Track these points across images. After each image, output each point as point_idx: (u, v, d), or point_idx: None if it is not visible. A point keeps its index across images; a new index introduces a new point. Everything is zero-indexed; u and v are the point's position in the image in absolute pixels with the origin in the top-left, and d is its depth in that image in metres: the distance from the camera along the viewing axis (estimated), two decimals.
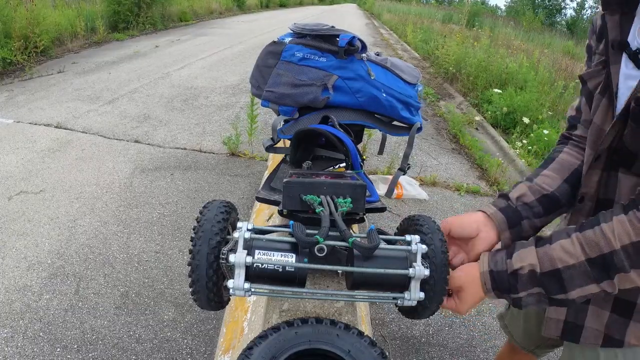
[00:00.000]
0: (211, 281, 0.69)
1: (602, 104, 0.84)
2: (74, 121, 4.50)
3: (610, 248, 0.69)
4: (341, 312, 0.88)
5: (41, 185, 3.23)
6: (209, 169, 3.72)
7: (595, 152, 0.83)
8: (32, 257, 2.48)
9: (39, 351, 1.92)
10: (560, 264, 0.72)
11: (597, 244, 0.70)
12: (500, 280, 0.78)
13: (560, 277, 0.72)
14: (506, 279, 0.77)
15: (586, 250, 0.71)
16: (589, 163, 0.86)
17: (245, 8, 20.15)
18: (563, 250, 0.73)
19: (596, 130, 0.85)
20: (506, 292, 0.77)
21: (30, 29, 6.43)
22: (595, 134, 0.85)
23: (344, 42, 1.21)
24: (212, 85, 6.26)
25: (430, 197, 3.61)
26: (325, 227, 0.68)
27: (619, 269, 0.68)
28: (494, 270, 0.79)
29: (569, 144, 1.01)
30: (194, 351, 1.99)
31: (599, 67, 0.86)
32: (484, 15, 19.19)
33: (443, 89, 7.25)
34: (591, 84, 0.89)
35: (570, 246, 0.72)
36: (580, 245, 0.71)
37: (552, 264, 0.73)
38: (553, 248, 0.74)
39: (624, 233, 0.68)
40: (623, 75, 0.80)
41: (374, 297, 0.75)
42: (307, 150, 1.16)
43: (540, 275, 0.73)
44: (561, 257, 0.72)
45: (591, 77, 0.89)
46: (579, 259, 0.71)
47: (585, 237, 0.71)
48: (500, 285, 0.78)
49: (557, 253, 0.73)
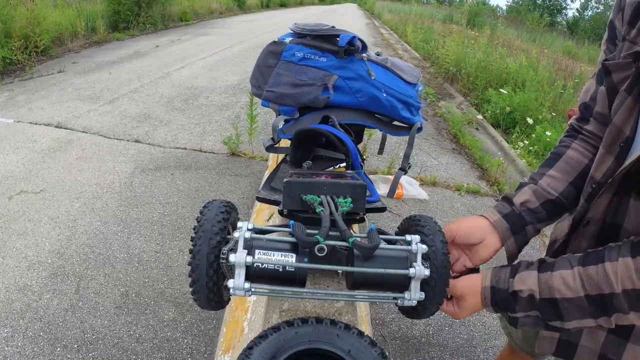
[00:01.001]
0: (211, 281, 0.69)
1: (626, 103, 0.74)
2: (75, 121, 4.50)
3: (610, 290, 0.67)
4: (341, 312, 0.87)
5: (41, 185, 3.23)
6: (209, 169, 3.73)
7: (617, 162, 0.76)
8: (32, 257, 2.48)
9: (39, 351, 1.92)
10: (558, 295, 0.71)
11: (597, 284, 0.68)
12: (500, 297, 0.77)
13: (557, 307, 0.71)
14: (506, 297, 0.76)
15: (586, 287, 0.69)
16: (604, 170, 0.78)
17: (245, 8, 20.15)
18: (563, 282, 0.71)
19: (615, 132, 0.76)
20: (504, 309, 0.77)
21: (30, 28, 6.43)
22: (613, 135, 0.77)
23: (344, 42, 1.21)
24: (212, 85, 6.26)
25: (431, 197, 3.61)
26: (325, 227, 0.68)
27: (617, 310, 0.67)
28: (495, 287, 0.78)
29: (578, 138, 0.93)
30: (194, 351, 1.99)
31: (629, 59, 0.75)
32: (484, 15, 19.18)
33: (443, 89, 7.25)
34: (617, 77, 0.78)
35: (571, 279, 0.70)
36: (581, 280, 0.69)
37: (550, 293, 0.72)
38: (554, 277, 0.72)
39: (627, 278, 0.65)
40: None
41: (374, 297, 0.75)
42: (308, 150, 1.16)
43: (539, 302, 0.72)
44: (560, 288, 0.71)
45: (618, 68, 0.77)
46: (578, 294, 0.69)
47: (587, 274, 0.69)
48: (500, 302, 0.77)
49: (557, 284, 0.71)
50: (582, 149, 0.91)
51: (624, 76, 0.76)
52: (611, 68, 0.78)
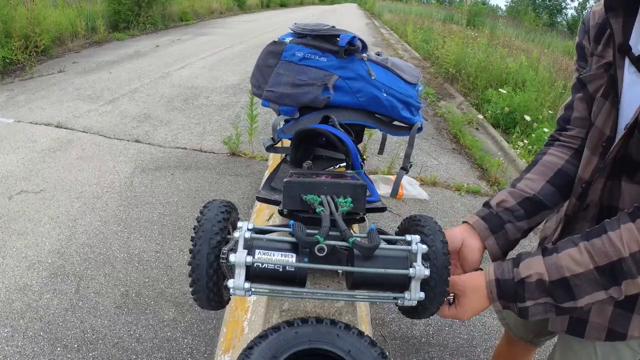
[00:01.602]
0: (211, 281, 0.69)
1: (604, 107, 0.83)
2: (75, 121, 4.50)
3: (618, 256, 0.69)
4: (341, 312, 0.88)
5: (42, 185, 3.23)
6: (210, 169, 3.73)
7: (602, 160, 0.83)
8: (32, 257, 2.48)
9: (39, 350, 1.92)
10: (568, 273, 0.72)
11: (605, 253, 0.70)
12: (506, 288, 0.77)
13: (568, 285, 0.72)
14: (513, 287, 0.76)
15: (595, 258, 0.71)
16: (591, 169, 0.85)
17: (245, 8, 20.15)
18: (571, 259, 0.72)
19: (597, 134, 0.85)
20: (512, 301, 0.77)
21: (30, 28, 6.43)
22: (596, 136, 0.85)
23: (344, 42, 1.21)
24: (212, 85, 6.26)
25: (431, 197, 3.61)
26: (325, 227, 0.68)
27: (627, 275, 0.69)
28: (500, 279, 0.78)
29: (555, 144, 1.01)
30: (194, 351, 1.99)
31: (601, 69, 0.85)
32: (484, 15, 19.17)
33: (443, 89, 7.25)
34: (592, 87, 0.88)
35: (578, 255, 0.72)
36: (589, 253, 0.71)
37: (559, 272, 0.73)
38: (560, 257, 0.73)
39: (632, 240, 0.69)
40: (627, 80, 0.80)
41: (374, 297, 0.75)
42: (308, 150, 1.16)
43: (550, 284, 0.73)
44: (569, 266, 0.72)
45: (592, 79, 0.88)
46: (588, 267, 0.71)
47: (593, 246, 0.71)
48: (507, 294, 0.77)
49: (565, 262, 0.73)
50: (558, 152, 0.98)
51: (598, 85, 0.86)
52: (586, 80, 0.89)
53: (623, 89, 0.80)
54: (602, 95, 0.84)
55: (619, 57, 0.81)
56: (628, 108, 0.80)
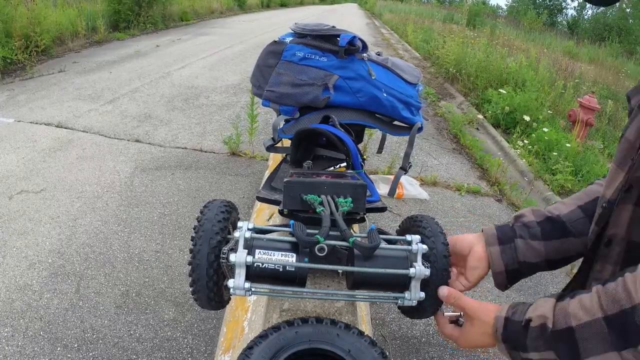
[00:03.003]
0: (211, 280, 0.69)
1: (637, 118, 0.72)
2: (75, 120, 4.50)
3: (631, 303, 0.53)
4: (341, 312, 0.88)
5: (42, 185, 3.23)
6: (210, 169, 3.73)
7: (627, 176, 0.69)
8: (32, 256, 2.48)
9: (39, 350, 1.93)
10: (574, 322, 0.58)
11: (616, 298, 0.55)
12: (511, 330, 0.66)
13: (573, 338, 0.58)
14: (517, 331, 0.65)
15: (603, 305, 0.56)
16: (615, 186, 0.72)
17: (246, 7, 20.14)
18: (580, 305, 0.58)
19: (627, 146, 0.72)
20: (513, 347, 0.65)
21: (31, 28, 6.43)
22: (625, 150, 0.72)
23: (344, 41, 1.21)
24: (212, 84, 6.26)
25: (431, 197, 3.61)
26: (325, 226, 0.68)
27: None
28: (509, 319, 0.67)
29: None
30: (194, 350, 1.99)
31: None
32: (484, 15, 19.17)
33: (444, 89, 7.25)
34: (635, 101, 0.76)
35: (588, 300, 0.58)
36: (599, 299, 0.57)
37: (566, 321, 0.59)
38: (571, 302, 0.60)
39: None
40: None
41: (375, 296, 0.75)
42: (308, 150, 1.16)
43: (551, 334, 0.60)
44: (576, 313, 0.58)
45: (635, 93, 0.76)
46: (595, 315, 0.56)
47: (606, 290, 0.57)
48: (510, 337, 0.66)
49: (573, 308, 0.59)
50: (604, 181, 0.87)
51: None
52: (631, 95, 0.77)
53: None
54: (639, 106, 0.72)
55: None
56: None
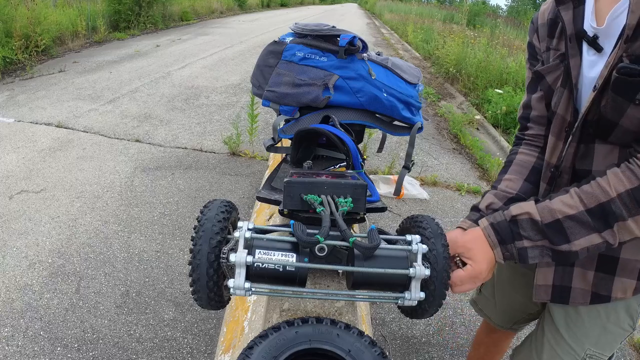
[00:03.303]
0: (212, 280, 0.69)
1: (564, 95, 0.89)
2: (75, 120, 4.50)
3: (607, 197, 0.73)
4: (341, 312, 0.88)
5: (42, 185, 3.23)
6: (210, 169, 3.73)
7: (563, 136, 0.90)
8: (32, 256, 2.48)
9: (39, 350, 1.93)
10: (560, 215, 0.76)
11: (594, 195, 0.75)
12: (501, 229, 0.81)
13: (562, 227, 0.76)
14: (507, 227, 0.80)
15: (584, 201, 0.75)
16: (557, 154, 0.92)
17: (246, 7, 20.16)
18: (562, 203, 0.77)
19: (560, 121, 0.91)
20: (510, 241, 0.80)
21: (31, 28, 6.43)
22: (559, 123, 0.91)
23: (344, 41, 1.21)
24: (212, 84, 6.26)
25: (431, 197, 3.61)
26: (325, 226, 0.68)
27: (617, 216, 0.73)
28: (493, 223, 0.83)
29: (523, 144, 1.07)
30: (194, 350, 1.99)
31: (557, 61, 0.91)
32: (484, 15, 19.16)
33: (444, 89, 7.25)
34: (550, 78, 0.94)
35: (569, 199, 0.77)
36: (579, 197, 0.76)
37: (552, 215, 0.77)
38: (552, 202, 0.78)
39: (618, 182, 0.74)
40: (586, 63, 0.84)
41: (375, 296, 0.75)
42: (308, 150, 1.16)
43: (544, 226, 0.77)
44: (561, 209, 0.76)
45: (549, 71, 0.93)
46: (579, 209, 0.75)
47: (583, 191, 0.76)
48: (503, 234, 0.81)
49: (557, 206, 0.77)
50: (528, 150, 1.05)
51: (556, 76, 0.92)
52: (544, 72, 0.95)
53: (583, 74, 0.85)
54: (561, 85, 0.90)
55: (572, 45, 0.86)
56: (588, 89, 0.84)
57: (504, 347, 1.50)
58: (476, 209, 0.99)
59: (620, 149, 0.81)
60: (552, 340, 1.04)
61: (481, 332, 1.53)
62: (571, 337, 1.00)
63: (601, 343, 0.99)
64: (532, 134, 1.05)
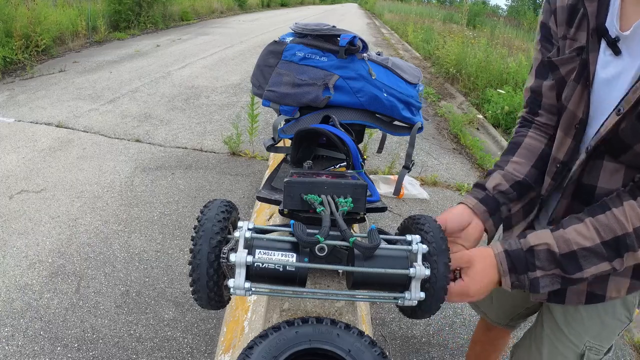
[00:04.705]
0: (212, 280, 0.69)
1: (577, 91, 0.86)
2: (75, 120, 4.50)
3: (623, 230, 0.74)
4: (341, 312, 0.88)
5: (42, 184, 3.23)
6: (210, 168, 3.73)
7: (575, 141, 0.88)
8: (32, 256, 2.49)
9: (39, 350, 1.93)
10: (575, 246, 0.77)
11: (610, 227, 0.75)
12: (516, 258, 0.79)
13: (576, 257, 0.76)
14: (523, 256, 0.79)
15: (601, 233, 0.76)
16: (565, 150, 0.90)
17: (246, 7, 20.16)
18: (577, 233, 0.77)
19: (570, 116, 0.89)
20: (523, 271, 0.78)
21: (31, 27, 6.43)
22: (569, 119, 0.89)
23: (344, 41, 1.21)
24: (213, 84, 6.26)
25: (431, 197, 3.61)
26: (326, 226, 0.68)
27: (629, 248, 0.75)
28: (508, 250, 0.80)
29: (532, 127, 1.04)
30: (194, 350, 1.99)
31: (573, 53, 0.87)
32: (484, 15, 19.16)
33: (444, 89, 7.24)
34: (564, 70, 0.90)
35: (586, 230, 0.77)
36: (595, 228, 0.76)
37: (568, 246, 0.77)
38: (568, 232, 0.78)
39: (635, 217, 0.74)
40: (601, 62, 0.81)
41: (375, 296, 0.75)
42: (308, 150, 1.16)
43: (560, 257, 0.77)
44: (576, 240, 0.77)
45: (564, 63, 0.89)
46: (595, 241, 0.76)
47: (599, 221, 0.77)
48: (517, 264, 0.79)
49: (572, 236, 0.77)
50: (537, 136, 1.02)
51: (570, 69, 0.88)
52: (558, 63, 0.91)
53: (597, 71, 0.82)
54: (575, 79, 0.86)
55: (592, 40, 0.82)
56: (602, 90, 0.82)
57: (500, 346, 1.50)
58: (481, 187, 0.98)
59: (627, 168, 0.81)
60: (552, 336, 1.06)
61: (478, 331, 1.54)
62: (571, 332, 1.02)
63: (600, 336, 1.00)
64: (542, 122, 1.02)
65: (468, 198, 0.96)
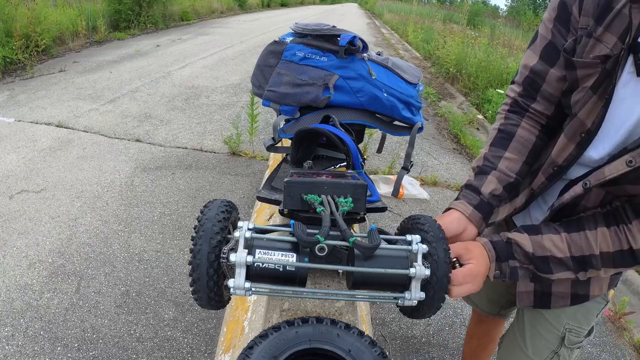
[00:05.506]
0: (212, 280, 0.69)
1: (591, 100, 0.81)
2: (75, 120, 4.50)
3: (590, 252, 0.83)
4: (341, 312, 0.88)
5: (42, 184, 3.23)
6: (210, 168, 3.73)
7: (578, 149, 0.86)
8: (33, 256, 2.49)
9: (39, 350, 1.93)
10: (549, 253, 0.85)
11: (580, 247, 0.84)
12: (499, 247, 0.87)
13: (548, 262, 0.85)
14: (504, 245, 0.87)
15: (572, 250, 0.84)
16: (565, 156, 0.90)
17: (246, 7, 20.16)
18: (552, 244, 0.85)
19: (578, 124, 0.85)
20: (505, 259, 0.87)
21: (31, 27, 6.43)
22: (576, 126, 0.86)
23: (344, 41, 1.21)
24: (213, 84, 6.26)
25: (431, 197, 3.61)
26: (326, 226, 0.68)
27: (594, 267, 0.84)
28: (492, 240, 0.88)
29: (526, 117, 0.98)
30: (194, 350, 1.99)
31: (597, 60, 0.79)
32: (484, 15, 19.15)
33: (444, 89, 7.24)
34: (581, 73, 0.82)
35: (560, 243, 0.85)
36: (568, 245, 0.85)
37: (543, 251, 0.85)
38: (544, 239, 0.86)
39: (604, 243, 0.82)
40: (622, 79, 0.76)
41: (375, 296, 0.75)
42: (308, 150, 1.16)
43: (534, 257, 0.85)
44: (551, 249, 0.85)
45: (584, 66, 0.81)
46: (566, 255, 0.84)
47: (572, 239, 0.85)
48: (500, 251, 0.87)
49: (547, 244, 0.85)
50: (531, 127, 0.98)
51: (589, 74, 0.81)
52: (577, 65, 0.83)
53: (617, 87, 0.77)
54: (592, 88, 0.80)
55: (623, 54, 0.75)
56: (618, 109, 0.78)
57: (495, 337, 1.51)
58: (475, 191, 0.94)
59: (607, 192, 0.86)
60: (533, 320, 1.10)
61: (472, 324, 1.55)
62: (549, 314, 1.06)
63: (576, 317, 1.04)
64: (537, 110, 0.96)
65: (462, 204, 0.94)
